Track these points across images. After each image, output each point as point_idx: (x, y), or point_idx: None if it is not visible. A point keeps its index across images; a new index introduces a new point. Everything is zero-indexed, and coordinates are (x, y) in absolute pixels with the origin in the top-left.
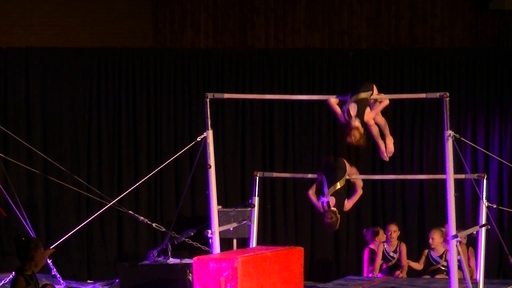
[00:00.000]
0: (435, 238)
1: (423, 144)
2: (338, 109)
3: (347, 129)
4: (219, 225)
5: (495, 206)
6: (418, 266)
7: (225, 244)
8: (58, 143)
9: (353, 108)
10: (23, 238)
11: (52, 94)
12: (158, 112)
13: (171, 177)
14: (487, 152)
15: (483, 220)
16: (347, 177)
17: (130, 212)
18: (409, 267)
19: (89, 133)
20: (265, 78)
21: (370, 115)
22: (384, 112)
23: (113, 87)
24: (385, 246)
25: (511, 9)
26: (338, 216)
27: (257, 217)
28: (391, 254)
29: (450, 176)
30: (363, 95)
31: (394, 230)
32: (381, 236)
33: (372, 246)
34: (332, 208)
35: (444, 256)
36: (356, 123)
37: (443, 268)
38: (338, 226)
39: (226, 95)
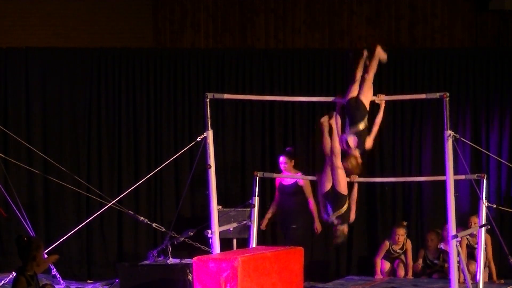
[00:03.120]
0: (434, 239)
1: (423, 144)
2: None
3: (346, 154)
4: (219, 225)
5: (495, 206)
6: (417, 267)
7: (225, 244)
8: (58, 143)
9: (352, 140)
10: (25, 238)
11: (52, 94)
12: (158, 112)
13: (171, 177)
14: (487, 152)
15: (483, 220)
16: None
17: (130, 212)
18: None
19: (89, 133)
20: (265, 78)
21: (370, 142)
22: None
23: (113, 87)
24: (391, 245)
25: (511, 9)
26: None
27: (257, 217)
28: (398, 250)
29: (450, 176)
30: (361, 126)
31: (401, 234)
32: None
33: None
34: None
35: (441, 256)
36: (356, 153)
37: (439, 269)
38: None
39: (226, 95)
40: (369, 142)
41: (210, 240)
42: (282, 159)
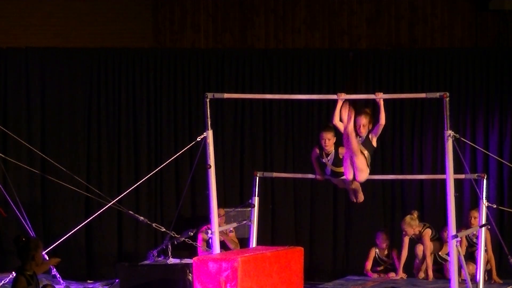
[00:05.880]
0: (384, 239)
1: (423, 144)
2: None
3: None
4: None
5: (495, 206)
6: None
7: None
8: (58, 143)
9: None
10: (23, 238)
11: (52, 94)
12: (158, 112)
13: (171, 177)
14: (487, 152)
15: (483, 220)
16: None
17: (130, 212)
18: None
19: (89, 133)
20: (265, 78)
21: (375, 140)
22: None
23: (113, 87)
24: (376, 251)
25: (511, 9)
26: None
27: (257, 217)
28: (384, 258)
29: (450, 176)
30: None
31: (384, 239)
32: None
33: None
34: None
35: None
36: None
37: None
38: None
39: (226, 95)
40: (374, 141)
41: (210, 240)
42: None
